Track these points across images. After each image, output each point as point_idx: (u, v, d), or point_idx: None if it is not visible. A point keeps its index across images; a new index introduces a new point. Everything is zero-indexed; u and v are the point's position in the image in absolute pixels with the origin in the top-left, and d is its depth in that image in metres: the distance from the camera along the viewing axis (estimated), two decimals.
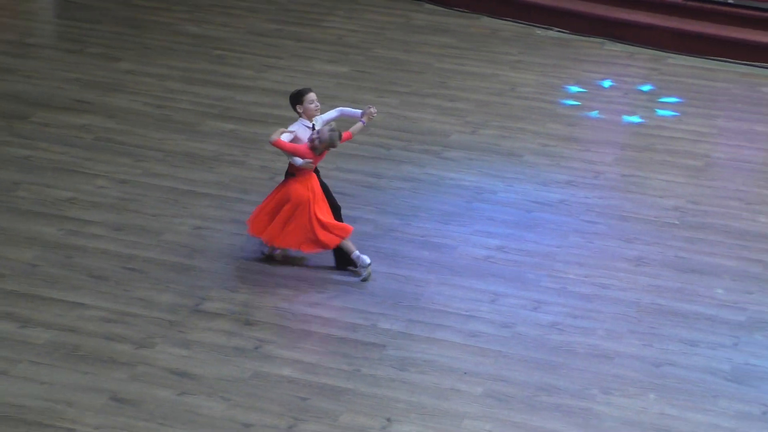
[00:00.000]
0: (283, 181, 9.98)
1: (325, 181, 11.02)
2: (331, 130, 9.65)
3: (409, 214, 10.90)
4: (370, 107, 10.00)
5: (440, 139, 12.55)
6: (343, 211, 11.01)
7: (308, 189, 9.80)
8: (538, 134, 12.70)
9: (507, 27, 16.04)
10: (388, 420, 8.32)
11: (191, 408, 8.41)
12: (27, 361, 8.79)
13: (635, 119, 13.21)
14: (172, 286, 9.83)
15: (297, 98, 9.79)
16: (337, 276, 10.03)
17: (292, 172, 9.84)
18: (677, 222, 11.07)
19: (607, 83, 14.22)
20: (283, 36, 15.27)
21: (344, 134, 9.75)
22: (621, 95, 13.74)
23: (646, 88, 14.06)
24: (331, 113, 9.99)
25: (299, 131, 9.76)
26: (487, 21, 16.26)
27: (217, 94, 13.53)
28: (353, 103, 13.18)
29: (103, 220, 10.78)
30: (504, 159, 12.12)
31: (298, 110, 9.80)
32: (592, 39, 15.29)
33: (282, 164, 11.87)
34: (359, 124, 9.98)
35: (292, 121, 9.87)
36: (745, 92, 13.93)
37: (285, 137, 9.61)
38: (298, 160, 9.69)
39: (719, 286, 10.04)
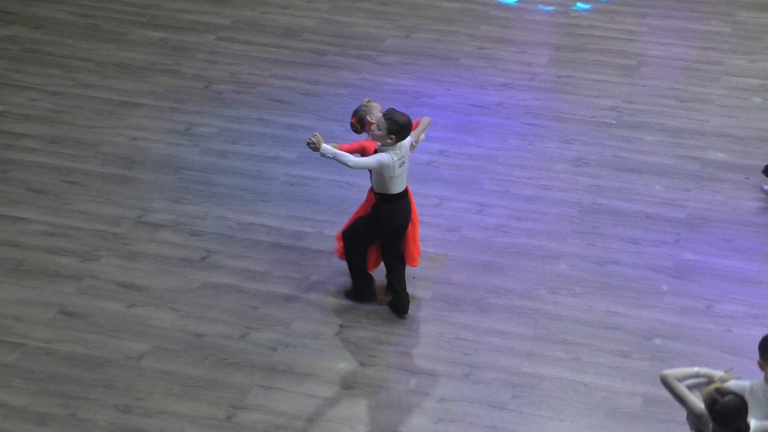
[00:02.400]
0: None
1: (262, 88, 11.05)
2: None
3: (348, 120, 10.88)
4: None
5: (375, 44, 12.52)
6: (283, 119, 11.05)
7: None
8: (472, 37, 12.72)
9: None
10: (341, 326, 8.44)
11: (141, 319, 8.46)
12: None
13: (581, 5, 13.30)
14: (113, 198, 9.80)
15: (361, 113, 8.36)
16: (279, 186, 10.06)
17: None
18: (614, 122, 11.22)
19: None
20: None
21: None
22: None
23: None
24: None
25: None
26: None
27: (143, 1, 13.34)
28: (283, 9, 13.16)
29: (38, 133, 10.67)
30: (440, 63, 12.15)
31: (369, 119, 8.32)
32: None
33: (218, 72, 11.85)
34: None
35: (223, 29, 9.62)
36: None
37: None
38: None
39: (658, 184, 10.23)
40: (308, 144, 7.72)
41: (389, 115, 7.85)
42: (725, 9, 13.51)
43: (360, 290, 8.61)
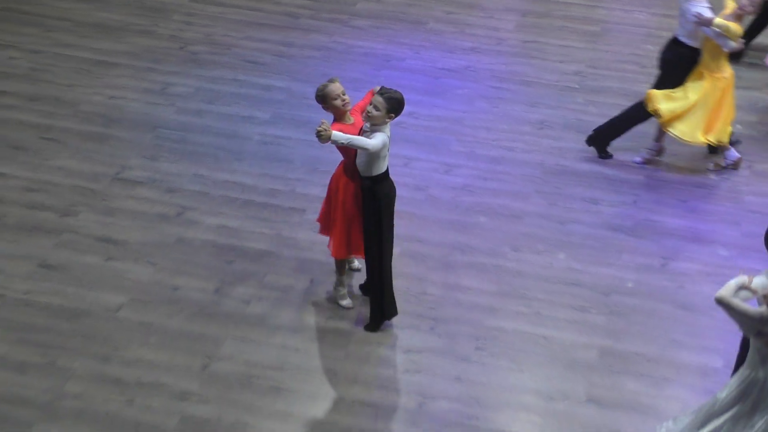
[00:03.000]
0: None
1: (236, 50, 11.09)
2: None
3: (320, 81, 10.87)
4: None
5: (347, 8, 12.60)
6: (257, 80, 11.11)
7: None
8: (441, 2, 12.81)
9: None
10: (311, 281, 8.57)
11: (119, 273, 8.55)
12: None
13: None
14: (91, 155, 9.87)
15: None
16: (254, 146, 10.15)
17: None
18: (577, 86, 11.36)
19: None
20: None
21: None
22: None
23: None
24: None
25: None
26: None
27: None
28: None
29: (17, 90, 10.71)
30: (410, 27, 12.24)
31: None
32: None
33: (193, 33, 11.90)
34: None
35: None
36: None
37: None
38: None
39: (618, 147, 10.39)
40: (318, 133, 7.39)
41: (387, 94, 7.51)
42: None
43: (383, 308, 8.10)
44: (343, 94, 7.80)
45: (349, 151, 7.85)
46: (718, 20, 9.50)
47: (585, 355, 8.04)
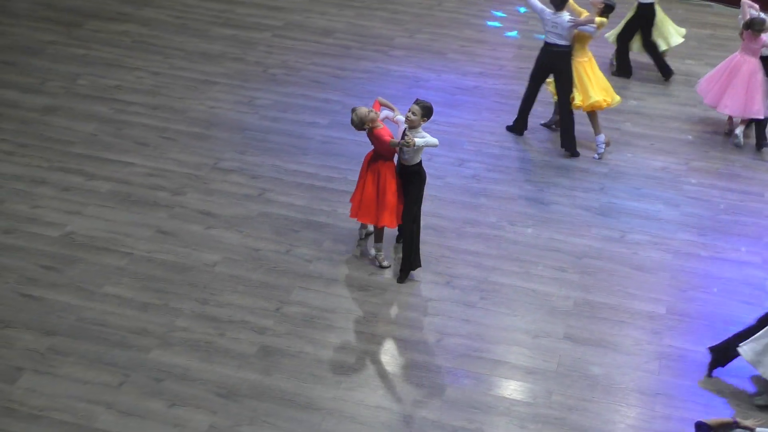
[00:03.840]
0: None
1: (304, 72, 10.87)
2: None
3: (366, 96, 10.76)
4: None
5: (387, 42, 12.33)
6: (319, 95, 10.89)
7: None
8: (457, 38, 12.51)
9: None
10: (357, 245, 8.38)
11: (215, 238, 8.41)
12: (94, 204, 8.69)
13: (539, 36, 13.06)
14: (196, 149, 9.70)
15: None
16: (316, 144, 9.94)
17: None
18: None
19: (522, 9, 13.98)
20: None
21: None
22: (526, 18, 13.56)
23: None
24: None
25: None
26: None
27: (220, 7, 13.13)
28: (321, 15, 12.94)
29: (143, 101, 10.55)
30: (434, 56, 11.96)
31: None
32: None
33: (273, 60, 11.68)
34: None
35: (278, 28, 9.41)
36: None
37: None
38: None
39: (589, 147, 10.10)
40: (407, 143, 7.37)
41: (423, 104, 7.46)
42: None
43: (411, 261, 7.88)
44: (370, 110, 7.69)
45: (390, 150, 7.72)
46: (598, 18, 9.31)
47: (563, 303, 7.83)
